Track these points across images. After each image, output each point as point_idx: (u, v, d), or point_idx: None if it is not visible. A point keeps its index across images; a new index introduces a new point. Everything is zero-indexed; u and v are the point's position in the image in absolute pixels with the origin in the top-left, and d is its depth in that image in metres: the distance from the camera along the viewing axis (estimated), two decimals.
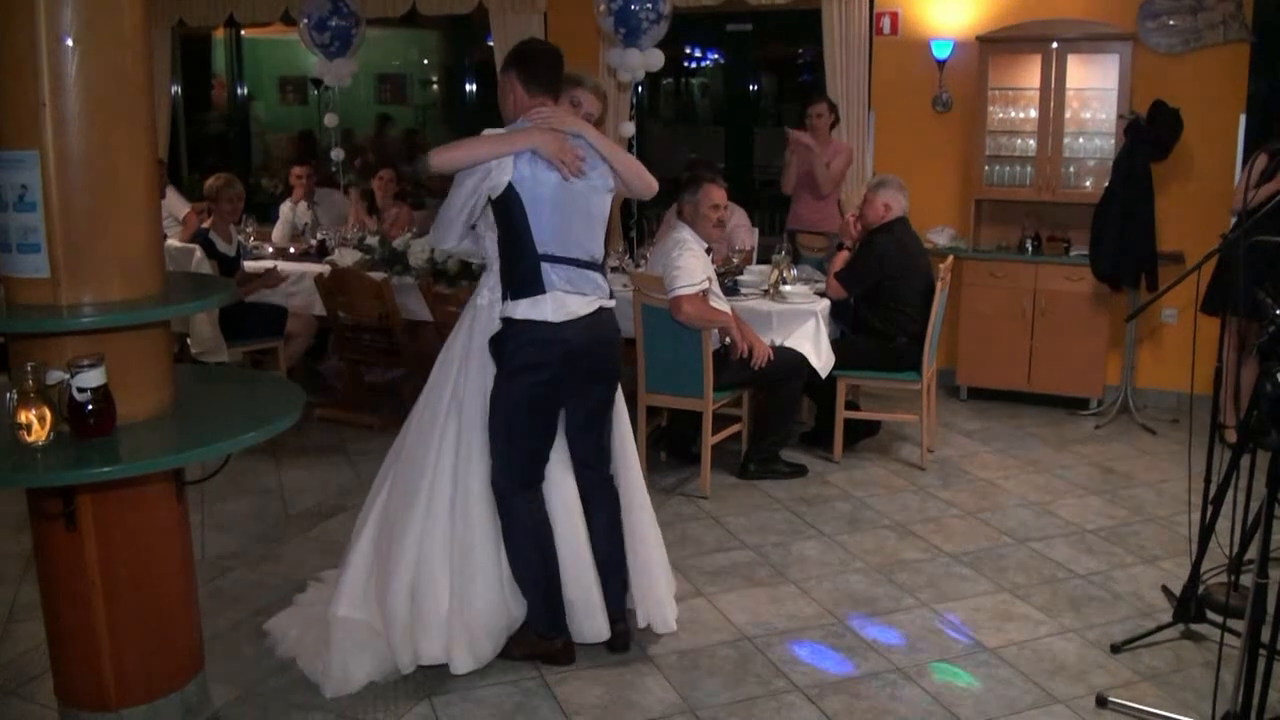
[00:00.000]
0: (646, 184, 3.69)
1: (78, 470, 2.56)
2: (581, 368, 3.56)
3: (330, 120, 8.02)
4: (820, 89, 7.19)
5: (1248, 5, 6.30)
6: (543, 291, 3.43)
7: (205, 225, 6.42)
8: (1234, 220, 5.49)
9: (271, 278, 6.49)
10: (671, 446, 5.81)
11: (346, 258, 6.64)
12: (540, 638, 3.65)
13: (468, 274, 5.87)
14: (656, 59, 6.37)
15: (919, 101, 7.12)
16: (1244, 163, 6.13)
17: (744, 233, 6.61)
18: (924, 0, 6.99)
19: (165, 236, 6.18)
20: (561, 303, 3.46)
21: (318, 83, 8.13)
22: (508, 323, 3.47)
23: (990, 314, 6.78)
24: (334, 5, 7.51)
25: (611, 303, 3.63)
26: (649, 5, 6.18)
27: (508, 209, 3.41)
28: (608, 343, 3.63)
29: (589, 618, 3.69)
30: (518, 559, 3.59)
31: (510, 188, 3.38)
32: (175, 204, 7.57)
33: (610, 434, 3.75)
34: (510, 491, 3.55)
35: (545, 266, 3.43)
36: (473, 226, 3.58)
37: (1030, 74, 6.65)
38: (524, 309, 3.44)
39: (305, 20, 7.53)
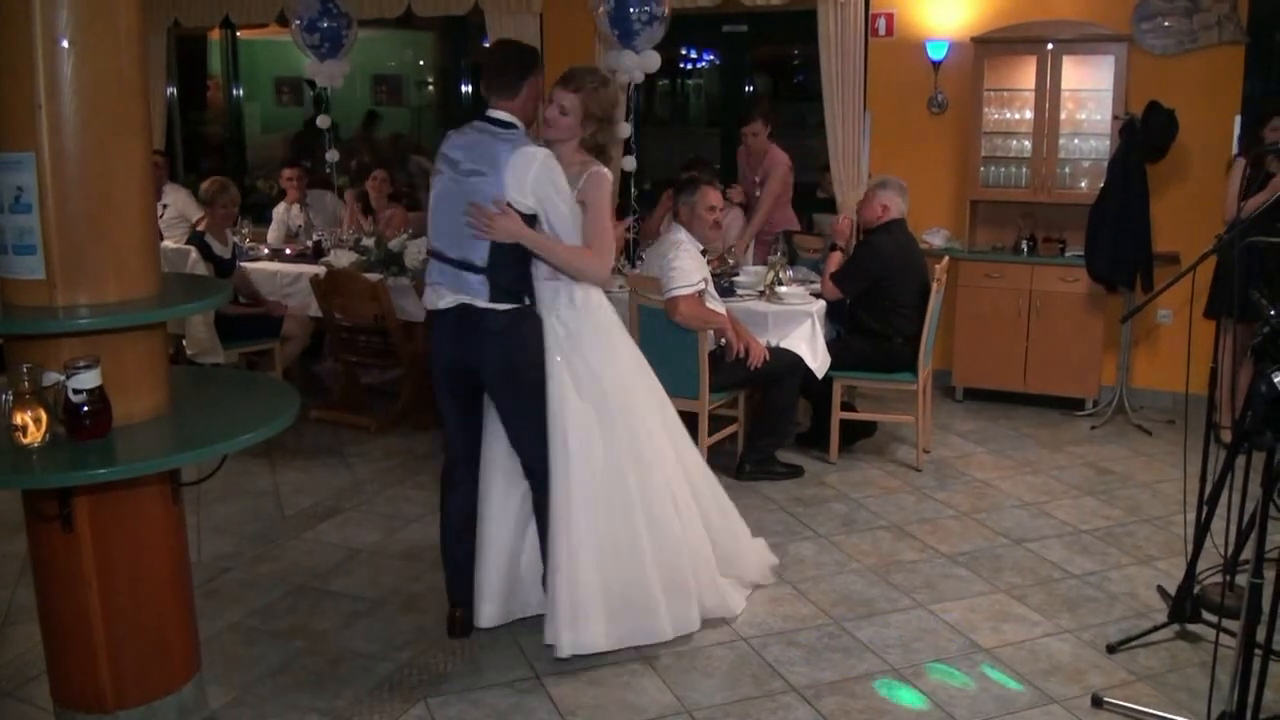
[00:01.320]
0: (591, 272, 3.68)
1: (74, 472, 2.56)
2: (457, 361, 3.66)
3: (323, 122, 8.01)
4: (815, 90, 7.20)
5: (1243, 6, 6.31)
6: (426, 284, 3.72)
7: (200, 228, 6.44)
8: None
9: (276, 308, 6.64)
10: None
11: (342, 259, 6.64)
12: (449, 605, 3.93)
13: None
14: (652, 61, 6.36)
15: (914, 103, 7.13)
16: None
17: (737, 226, 6.63)
18: (919, 1, 7.00)
19: (162, 237, 6.20)
20: (436, 294, 3.65)
21: (313, 84, 8.12)
22: None
23: (986, 315, 6.79)
24: (324, 6, 7.49)
25: (494, 305, 3.56)
26: (644, 7, 6.17)
27: None
28: (475, 345, 3.59)
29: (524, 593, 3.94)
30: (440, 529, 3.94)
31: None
32: (188, 207, 7.56)
33: (523, 439, 3.70)
34: (445, 469, 3.88)
35: (432, 262, 3.69)
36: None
37: (1025, 75, 6.65)
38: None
39: (297, 22, 7.53)
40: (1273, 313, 2.86)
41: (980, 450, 6.03)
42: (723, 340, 5.24)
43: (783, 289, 5.70)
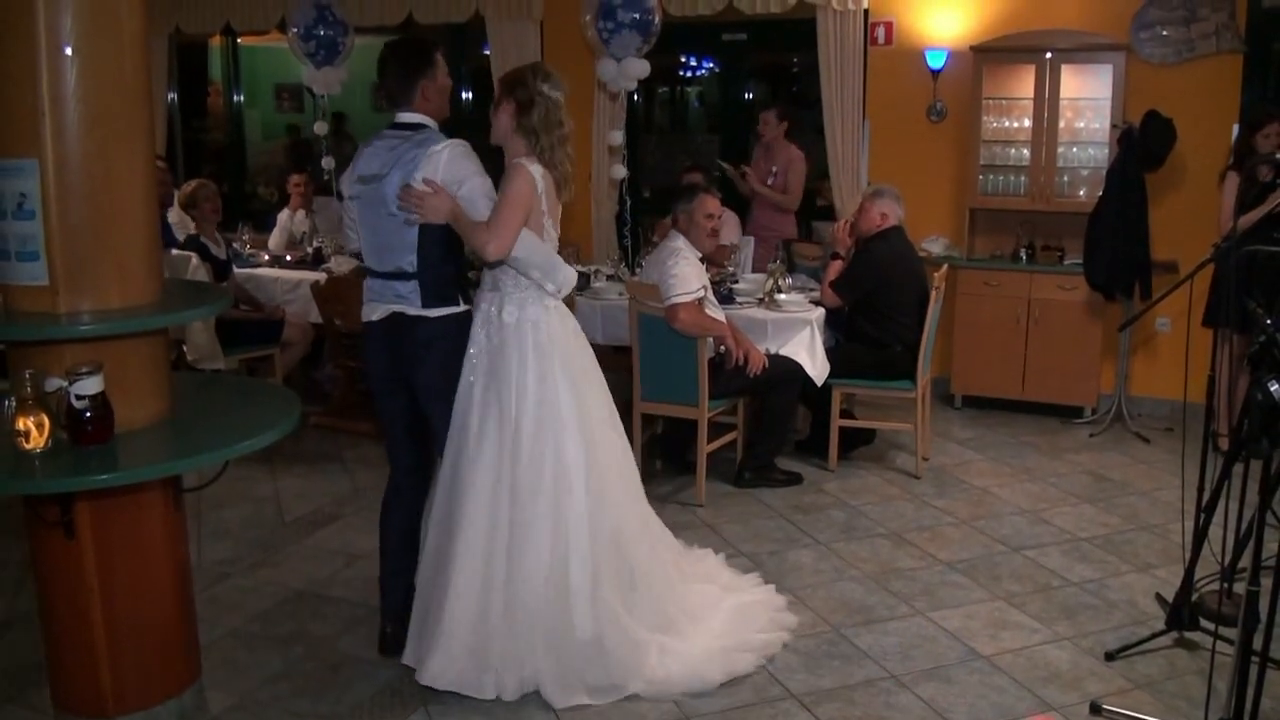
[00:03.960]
0: (475, 240, 3.40)
1: (76, 478, 2.57)
2: (392, 373, 3.62)
3: (320, 129, 8.02)
4: (814, 98, 7.23)
5: (1240, 16, 6.33)
6: (364, 300, 3.68)
7: (194, 231, 6.44)
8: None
9: (276, 311, 6.66)
10: (667, 454, 5.82)
11: (342, 265, 6.65)
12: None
13: None
14: (633, 69, 6.33)
15: (913, 111, 7.15)
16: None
17: (731, 229, 6.66)
18: (918, 10, 7.03)
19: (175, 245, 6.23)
20: (370, 308, 3.63)
21: (311, 90, 8.15)
22: None
23: (985, 323, 6.80)
24: (319, 14, 7.51)
25: (426, 312, 3.52)
26: (608, 19, 6.16)
27: None
28: (408, 356, 3.56)
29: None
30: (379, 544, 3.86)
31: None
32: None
33: (435, 444, 3.66)
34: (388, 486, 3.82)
35: (367, 278, 3.67)
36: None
37: (1024, 84, 6.68)
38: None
39: (294, 29, 7.55)
40: (1269, 322, 2.87)
41: (979, 458, 6.04)
42: (722, 347, 5.24)
43: (782, 296, 5.72)
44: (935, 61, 6.96)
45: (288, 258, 7.28)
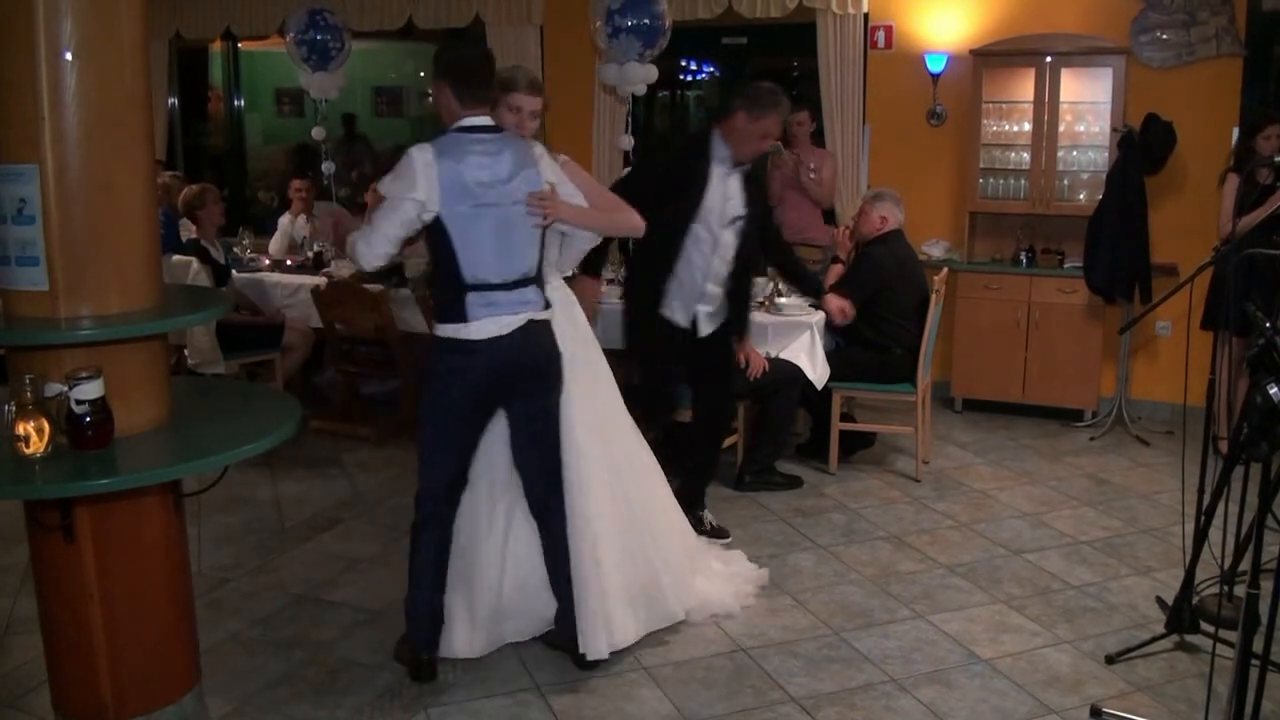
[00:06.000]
0: (632, 221, 3.86)
1: (76, 482, 2.56)
2: (506, 382, 3.48)
3: (318, 134, 8.03)
4: (815, 102, 7.23)
5: (1240, 19, 6.34)
6: (469, 319, 3.40)
7: (195, 235, 6.44)
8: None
9: (276, 317, 6.68)
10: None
11: (343, 270, 6.65)
12: (412, 648, 3.66)
13: None
14: (634, 74, 6.30)
15: (913, 115, 7.15)
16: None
17: None
18: (918, 14, 7.03)
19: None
20: (496, 324, 3.42)
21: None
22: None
23: (985, 326, 6.81)
24: (311, 19, 7.51)
25: (546, 314, 3.55)
26: (607, 23, 6.16)
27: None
28: (538, 359, 3.53)
29: (513, 618, 3.81)
30: (412, 570, 3.64)
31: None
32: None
33: (552, 450, 3.66)
34: (422, 506, 3.59)
35: (473, 296, 3.39)
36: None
37: (1024, 87, 6.68)
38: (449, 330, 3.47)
39: (290, 34, 7.55)
40: (1268, 325, 2.87)
41: (979, 461, 6.04)
42: None
43: (782, 300, 5.72)
44: (935, 65, 6.97)
45: (288, 262, 7.28)
